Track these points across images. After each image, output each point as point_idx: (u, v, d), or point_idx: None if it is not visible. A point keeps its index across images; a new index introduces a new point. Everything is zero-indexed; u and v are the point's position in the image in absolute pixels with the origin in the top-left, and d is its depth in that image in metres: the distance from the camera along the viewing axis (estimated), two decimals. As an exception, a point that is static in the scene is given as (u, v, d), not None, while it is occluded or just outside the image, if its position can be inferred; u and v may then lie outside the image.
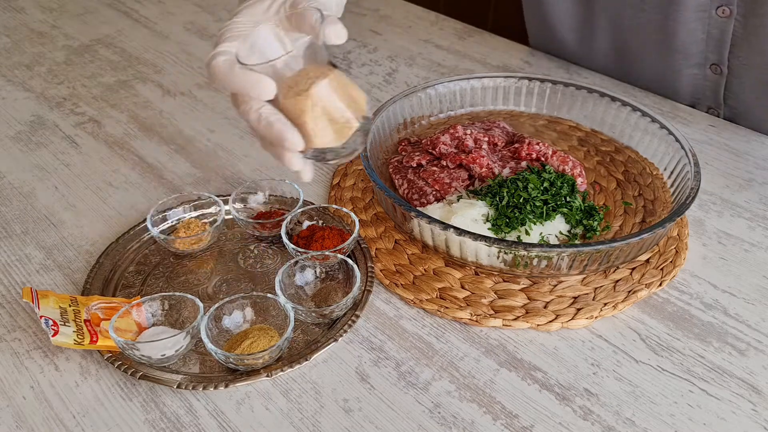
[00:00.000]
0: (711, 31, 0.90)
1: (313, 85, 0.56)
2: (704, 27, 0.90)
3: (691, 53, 0.94)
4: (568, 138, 0.91)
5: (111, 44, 1.17)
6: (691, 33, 0.92)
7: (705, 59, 0.94)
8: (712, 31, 0.90)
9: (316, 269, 0.71)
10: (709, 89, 0.97)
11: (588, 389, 0.63)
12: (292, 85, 0.56)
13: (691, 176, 0.75)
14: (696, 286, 0.73)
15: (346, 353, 0.66)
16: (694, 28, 0.91)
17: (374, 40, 1.18)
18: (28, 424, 0.60)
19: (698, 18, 0.90)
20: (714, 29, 0.90)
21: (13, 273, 0.74)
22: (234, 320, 0.66)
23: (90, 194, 0.85)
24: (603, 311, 0.69)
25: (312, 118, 0.56)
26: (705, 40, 0.92)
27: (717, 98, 0.97)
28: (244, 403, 0.61)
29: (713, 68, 0.94)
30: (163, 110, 1.01)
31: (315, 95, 0.56)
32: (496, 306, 0.69)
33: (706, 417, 0.61)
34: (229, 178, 0.87)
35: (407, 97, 0.88)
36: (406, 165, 0.83)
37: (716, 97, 0.97)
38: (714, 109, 0.99)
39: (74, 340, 0.62)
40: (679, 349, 0.66)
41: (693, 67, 0.96)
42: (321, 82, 0.56)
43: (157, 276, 0.73)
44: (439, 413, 0.61)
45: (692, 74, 0.97)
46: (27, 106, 1.01)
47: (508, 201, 0.73)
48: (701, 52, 0.93)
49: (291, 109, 0.56)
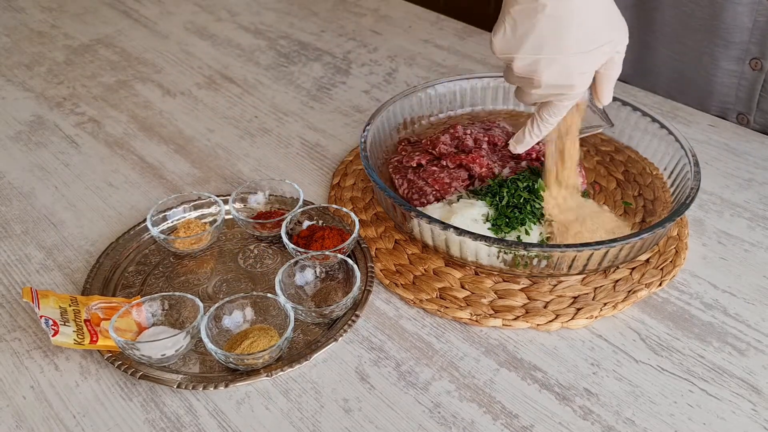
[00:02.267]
0: (758, 19, 0.86)
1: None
2: (752, 13, 0.86)
3: (733, 43, 0.90)
4: (568, 138, 0.91)
5: (111, 44, 1.17)
6: (737, 17, 0.87)
7: (746, 52, 0.90)
8: (759, 19, 0.86)
9: (316, 269, 0.71)
10: (745, 89, 0.93)
11: (588, 389, 0.63)
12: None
13: (691, 176, 0.75)
14: (696, 286, 0.73)
15: (346, 353, 0.66)
16: (741, 12, 0.87)
17: (374, 39, 1.18)
18: (28, 424, 0.60)
19: (747, 2, 0.86)
20: (761, 17, 0.86)
21: (13, 273, 0.74)
22: (234, 320, 0.66)
23: (90, 194, 0.85)
24: (603, 311, 0.69)
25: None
26: (750, 29, 0.87)
27: (751, 100, 0.94)
28: (244, 402, 0.61)
29: (753, 63, 0.90)
30: (163, 110, 1.01)
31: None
32: (496, 306, 0.69)
33: (706, 417, 0.61)
34: (229, 178, 0.87)
35: (407, 97, 0.88)
36: (406, 165, 0.83)
37: (750, 99, 0.94)
38: (744, 114, 0.95)
39: (74, 339, 0.62)
40: (678, 349, 0.66)
41: (732, 61, 0.92)
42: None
43: (157, 276, 0.73)
44: (439, 413, 0.61)
45: (729, 70, 0.93)
46: (27, 106, 1.01)
47: (508, 201, 0.73)
48: (744, 43, 0.89)
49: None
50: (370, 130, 0.81)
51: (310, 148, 0.93)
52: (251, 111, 1.00)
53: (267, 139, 0.95)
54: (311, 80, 1.07)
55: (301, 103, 1.02)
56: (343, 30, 1.20)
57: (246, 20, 1.24)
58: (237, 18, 1.25)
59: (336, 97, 1.03)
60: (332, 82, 1.06)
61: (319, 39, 1.17)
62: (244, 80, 1.07)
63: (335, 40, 1.17)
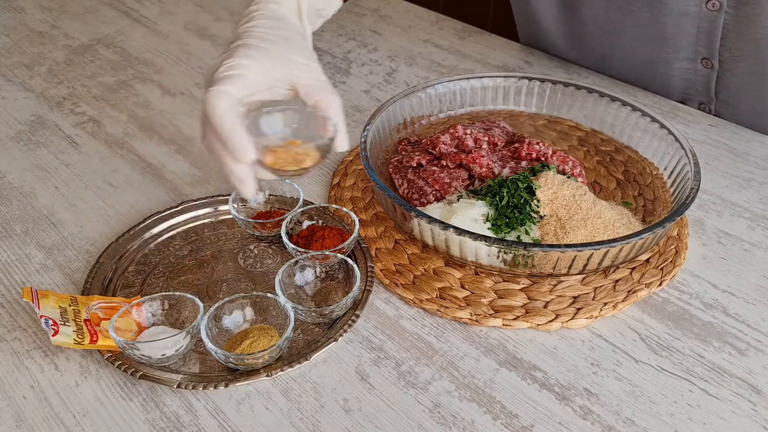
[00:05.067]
0: (701, 25, 0.90)
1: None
2: (694, 21, 0.90)
3: (682, 47, 0.94)
4: (568, 138, 0.91)
5: (111, 44, 1.17)
6: (680, 27, 0.91)
7: (695, 54, 0.93)
8: (702, 25, 0.90)
9: (316, 269, 0.71)
10: (701, 84, 0.97)
11: (588, 389, 0.63)
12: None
13: (691, 176, 0.75)
14: (696, 286, 0.73)
15: (346, 353, 0.66)
16: (684, 23, 0.91)
17: (374, 39, 1.18)
18: (27, 424, 0.60)
19: (687, 13, 0.90)
20: (704, 23, 0.90)
21: (13, 273, 0.74)
22: (234, 320, 0.66)
23: (90, 194, 0.85)
24: (603, 311, 0.69)
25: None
26: (695, 35, 0.91)
27: (708, 93, 0.97)
28: (244, 402, 0.61)
29: (704, 62, 0.94)
30: (163, 110, 1.01)
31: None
32: (495, 306, 0.69)
33: (706, 417, 0.61)
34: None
35: (407, 96, 0.88)
36: (406, 165, 0.83)
37: (708, 92, 0.97)
38: (705, 104, 0.99)
39: (74, 339, 0.62)
40: (678, 349, 0.66)
41: (684, 61, 0.95)
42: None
43: (157, 275, 0.73)
44: (439, 413, 0.61)
45: (683, 69, 0.96)
46: (27, 106, 1.01)
47: (508, 201, 0.73)
48: (691, 46, 0.93)
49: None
50: (370, 130, 0.81)
51: (310, 148, 0.92)
52: (251, 111, 1.00)
53: (267, 139, 0.94)
54: (311, 80, 1.07)
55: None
56: (343, 30, 1.20)
57: (246, 20, 1.24)
58: (237, 17, 1.24)
59: (336, 97, 1.03)
60: (332, 82, 1.06)
61: (319, 39, 1.17)
62: (244, 80, 1.07)
63: (335, 39, 1.17)
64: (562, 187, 0.74)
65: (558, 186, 0.74)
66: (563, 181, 0.75)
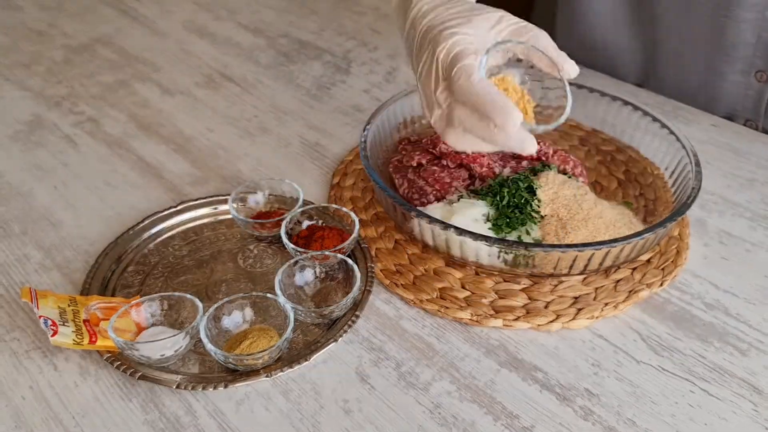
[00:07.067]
0: (762, 34, 0.87)
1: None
2: (755, 29, 0.87)
3: (737, 57, 0.91)
4: (569, 137, 0.91)
5: (110, 43, 1.17)
6: (740, 34, 0.88)
7: (750, 65, 0.91)
8: (762, 35, 0.87)
9: (315, 269, 0.71)
10: (751, 99, 0.94)
11: (589, 389, 0.63)
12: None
13: (692, 176, 0.74)
14: (697, 286, 0.72)
15: (346, 353, 0.65)
16: (745, 29, 0.88)
17: (374, 38, 1.17)
18: (27, 425, 0.60)
19: (750, 19, 0.87)
20: (765, 33, 0.87)
21: (11, 273, 0.74)
22: (233, 320, 0.66)
23: (89, 194, 0.85)
24: (604, 311, 0.69)
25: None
26: (754, 44, 0.89)
27: (757, 109, 0.94)
28: (244, 403, 0.61)
29: (758, 75, 0.91)
30: (162, 109, 1.00)
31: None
32: (496, 306, 0.69)
33: (707, 417, 0.60)
34: (228, 178, 0.87)
35: (407, 96, 0.88)
36: (406, 164, 0.83)
37: (756, 108, 0.94)
38: (753, 120, 0.96)
39: (73, 340, 0.62)
40: (680, 349, 0.66)
41: (737, 73, 0.92)
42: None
43: (156, 276, 0.73)
44: (440, 414, 0.60)
45: (735, 81, 0.93)
46: (25, 106, 1.01)
47: (509, 201, 0.73)
48: (748, 57, 0.90)
49: None
50: (370, 129, 0.81)
51: (309, 148, 0.92)
52: (251, 110, 1.00)
53: (266, 138, 0.94)
54: (311, 79, 1.07)
55: (300, 103, 1.01)
56: (343, 29, 1.20)
57: (245, 19, 1.23)
58: (236, 16, 1.24)
59: (336, 96, 1.03)
60: (332, 81, 1.06)
61: (319, 38, 1.17)
62: (244, 79, 1.07)
63: (335, 38, 1.17)
64: (563, 186, 0.74)
65: (559, 186, 0.74)
66: (564, 180, 0.75)
